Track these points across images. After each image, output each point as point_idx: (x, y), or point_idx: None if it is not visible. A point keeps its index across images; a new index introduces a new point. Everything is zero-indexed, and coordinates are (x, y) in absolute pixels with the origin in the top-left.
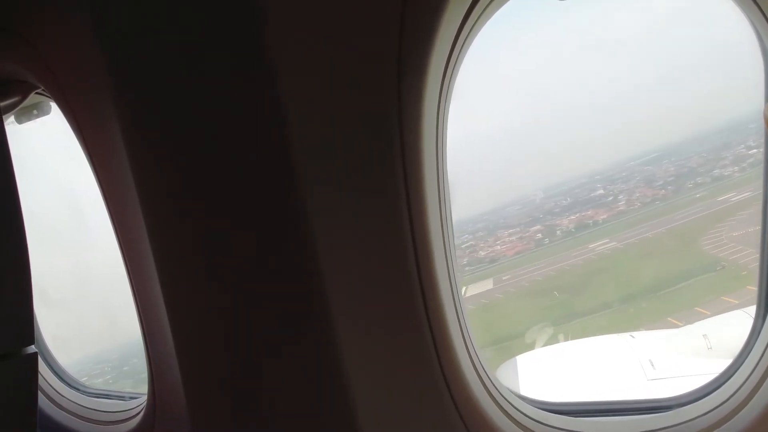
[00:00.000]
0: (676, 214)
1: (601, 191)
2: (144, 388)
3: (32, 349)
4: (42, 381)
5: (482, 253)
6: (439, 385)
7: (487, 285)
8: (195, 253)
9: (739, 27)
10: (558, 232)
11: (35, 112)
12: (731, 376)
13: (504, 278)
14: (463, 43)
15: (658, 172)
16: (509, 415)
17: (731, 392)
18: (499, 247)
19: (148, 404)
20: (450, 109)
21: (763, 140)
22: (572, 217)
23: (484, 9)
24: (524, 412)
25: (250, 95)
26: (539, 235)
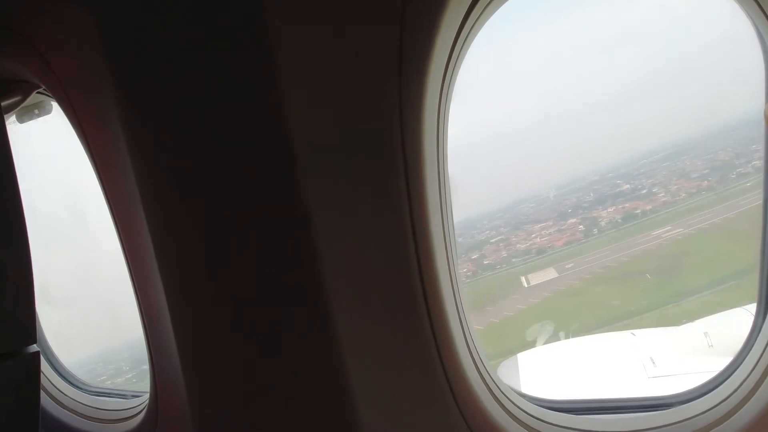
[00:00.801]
0: (736, 201)
1: (627, 186)
2: None
3: (34, 348)
4: (44, 380)
5: (522, 246)
6: (440, 382)
7: (549, 274)
8: (197, 252)
9: (741, 26)
10: (603, 223)
11: (36, 111)
12: (732, 373)
13: (567, 266)
14: (464, 42)
15: (685, 167)
16: (510, 412)
17: (731, 390)
18: (538, 239)
19: (150, 402)
20: (451, 108)
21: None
22: (610, 210)
23: (485, 7)
24: (525, 409)
25: (251, 94)
26: (581, 227)
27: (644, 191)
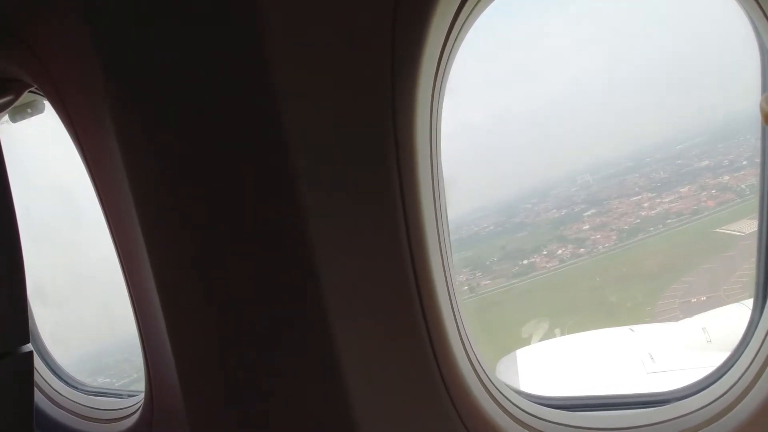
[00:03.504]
0: None
1: (707, 162)
2: None
3: (28, 347)
4: (40, 379)
5: (651, 212)
6: (435, 381)
7: (744, 226)
8: (189, 252)
9: (736, 23)
10: (744, 186)
11: (29, 110)
12: (729, 368)
13: None
14: (456, 39)
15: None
16: (506, 410)
17: (729, 385)
18: (668, 205)
19: (145, 402)
20: (444, 104)
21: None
22: (726, 178)
23: (476, 4)
24: (521, 407)
25: (245, 95)
26: (714, 191)
27: (744, 162)
